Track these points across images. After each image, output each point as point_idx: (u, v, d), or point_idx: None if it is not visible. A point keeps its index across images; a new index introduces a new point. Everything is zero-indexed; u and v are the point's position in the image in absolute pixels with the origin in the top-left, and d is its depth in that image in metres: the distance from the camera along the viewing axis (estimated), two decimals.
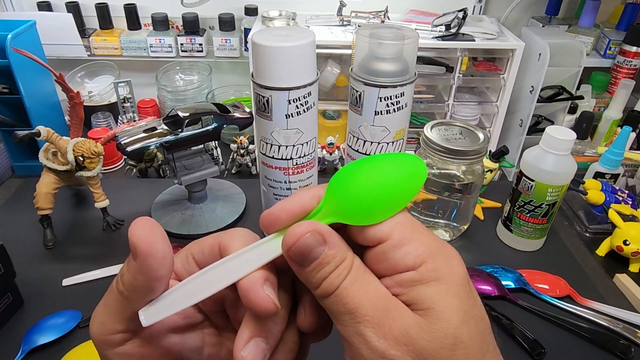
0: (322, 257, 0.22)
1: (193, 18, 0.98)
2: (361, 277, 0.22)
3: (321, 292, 0.22)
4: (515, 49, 0.80)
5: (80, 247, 0.70)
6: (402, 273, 0.22)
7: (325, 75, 0.88)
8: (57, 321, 0.57)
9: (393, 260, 0.22)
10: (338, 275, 0.22)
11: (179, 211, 0.75)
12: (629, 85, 0.91)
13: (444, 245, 0.23)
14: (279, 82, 0.55)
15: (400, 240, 0.22)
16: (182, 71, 1.05)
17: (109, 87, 1.00)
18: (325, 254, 0.22)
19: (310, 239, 0.22)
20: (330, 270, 0.22)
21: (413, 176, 0.23)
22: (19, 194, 0.82)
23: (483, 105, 0.90)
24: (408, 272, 0.22)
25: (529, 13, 1.03)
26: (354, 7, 0.88)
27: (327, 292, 0.22)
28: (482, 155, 0.64)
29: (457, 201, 0.68)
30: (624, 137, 0.76)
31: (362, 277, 0.22)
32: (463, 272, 0.22)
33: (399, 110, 0.59)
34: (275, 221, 0.24)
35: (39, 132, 0.64)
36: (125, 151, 0.64)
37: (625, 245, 0.66)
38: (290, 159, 0.61)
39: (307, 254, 0.22)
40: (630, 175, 0.82)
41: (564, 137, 0.61)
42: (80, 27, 0.99)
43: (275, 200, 0.66)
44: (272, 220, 0.24)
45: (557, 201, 0.65)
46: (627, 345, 0.55)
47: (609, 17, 1.04)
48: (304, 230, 0.22)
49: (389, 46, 0.56)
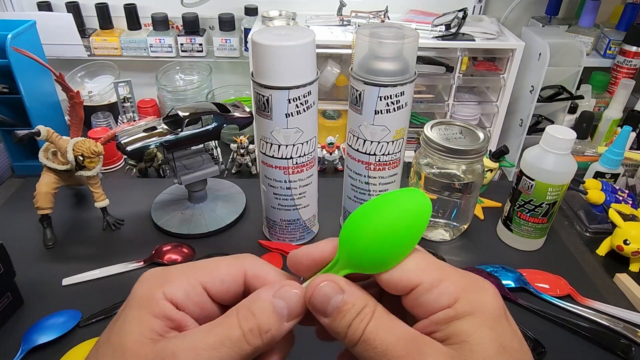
0: (341, 305, 0.23)
1: (193, 18, 0.98)
2: (385, 320, 0.23)
3: (349, 340, 0.23)
4: (515, 49, 0.80)
5: (80, 247, 0.70)
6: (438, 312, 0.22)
7: (325, 75, 0.88)
8: (56, 321, 0.56)
9: (428, 303, 0.22)
10: (361, 321, 0.22)
11: (179, 211, 0.75)
12: (629, 85, 0.91)
13: (477, 279, 0.23)
14: (279, 81, 0.55)
15: (431, 284, 0.22)
16: (182, 71, 1.05)
17: (109, 87, 1.00)
18: (345, 301, 0.23)
19: (327, 287, 0.23)
20: (352, 317, 0.22)
21: (418, 216, 0.23)
22: (19, 194, 0.81)
23: (483, 105, 0.90)
24: (443, 310, 0.22)
25: (529, 13, 1.03)
26: (354, 7, 0.88)
27: (354, 338, 0.22)
28: (482, 154, 0.64)
29: (457, 201, 0.68)
30: (624, 136, 0.76)
31: (387, 320, 0.23)
32: (498, 304, 0.22)
33: (399, 110, 0.59)
34: (299, 263, 0.25)
35: (38, 131, 0.64)
36: (125, 151, 0.64)
37: (625, 245, 0.66)
38: (290, 158, 0.61)
39: (326, 302, 0.23)
40: (630, 175, 0.82)
41: (564, 136, 0.61)
42: (80, 27, 0.99)
43: (276, 200, 0.66)
44: (295, 262, 0.25)
45: (557, 201, 0.65)
46: (628, 345, 0.55)
47: (609, 17, 1.04)
48: (321, 281, 0.23)
49: (389, 45, 0.56)
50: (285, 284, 0.24)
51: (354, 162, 0.65)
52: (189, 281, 0.24)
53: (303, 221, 0.69)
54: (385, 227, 0.23)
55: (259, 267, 0.25)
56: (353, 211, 0.24)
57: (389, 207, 0.23)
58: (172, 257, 0.67)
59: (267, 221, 0.71)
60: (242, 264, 0.25)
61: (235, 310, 0.23)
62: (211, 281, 0.24)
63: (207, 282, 0.24)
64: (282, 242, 0.71)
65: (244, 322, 0.22)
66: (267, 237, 0.73)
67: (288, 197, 0.65)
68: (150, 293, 0.23)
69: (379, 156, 0.63)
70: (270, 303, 0.23)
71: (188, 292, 0.23)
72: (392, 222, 0.23)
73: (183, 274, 0.24)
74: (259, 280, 0.25)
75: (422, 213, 0.23)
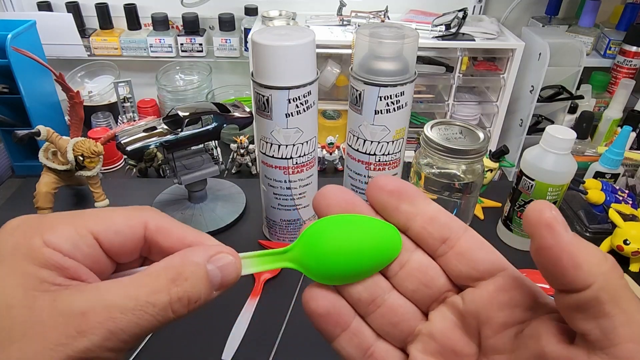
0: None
1: (193, 18, 0.98)
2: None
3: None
4: (515, 49, 0.80)
5: None
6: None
7: (325, 75, 0.88)
8: None
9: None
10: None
11: (178, 211, 0.75)
12: (629, 85, 0.91)
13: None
14: (279, 81, 0.55)
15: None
16: (182, 71, 1.05)
17: (109, 87, 1.00)
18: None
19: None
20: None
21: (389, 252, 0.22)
22: (19, 194, 0.81)
23: (483, 105, 0.90)
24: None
25: (529, 13, 1.03)
26: (354, 7, 0.88)
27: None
28: (482, 154, 0.64)
29: (457, 201, 0.68)
30: (624, 136, 0.76)
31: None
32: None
33: (399, 110, 0.59)
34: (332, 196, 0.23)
35: (38, 131, 0.64)
36: (125, 150, 0.64)
37: (625, 245, 0.66)
38: (290, 158, 0.61)
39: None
40: (630, 175, 0.82)
41: (564, 136, 0.61)
42: (80, 27, 0.99)
43: (276, 200, 0.66)
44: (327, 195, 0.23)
45: (557, 201, 0.65)
46: None
47: (609, 17, 1.04)
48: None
49: (389, 45, 0.56)
50: (223, 250, 0.21)
51: (354, 162, 0.65)
52: (77, 229, 0.19)
53: (303, 221, 0.69)
54: (353, 245, 0.22)
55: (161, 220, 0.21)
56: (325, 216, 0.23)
57: (365, 228, 0.22)
58: None
59: (267, 221, 0.71)
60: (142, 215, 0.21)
61: (163, 271, 0.19)
62: (104, 231, 0.20)
63: (99, 232, 0.20)
64: (282, 242, 0.71)
65: (174, 287, 0.19)
66: (267, 237, 0.73)
67: (288, 197, 0.65)
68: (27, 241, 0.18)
69: (379, 156, 0.63)
70: (204, 269, 0.20)
71: (76, 242, 0.19)
72: (361, 244, 0.22)
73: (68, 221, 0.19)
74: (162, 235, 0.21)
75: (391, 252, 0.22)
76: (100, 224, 0.20)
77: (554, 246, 0.17)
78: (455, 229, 0.21)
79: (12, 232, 0.19)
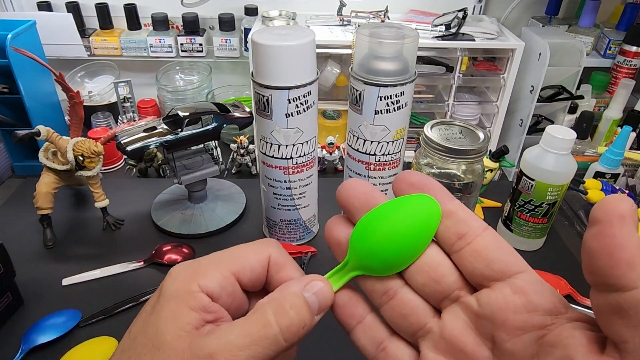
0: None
1: (193, 18, 0.98)
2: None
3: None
4: (515, 49, 0.80)
5: (80, 247, 0.70)
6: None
7: (325, 75, 0.88)
8: (56, 321, 0.56)
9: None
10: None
11: (179, 211, 0.75)
12: (629, 85, 0.91)
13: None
14: (279, 81, 0.55)
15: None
16: (182, 71, 1.05)
17: (109, 87, 1.00)
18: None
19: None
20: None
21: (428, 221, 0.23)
22: (19, 194, 0.81)
23: (483, 105, 0.90)
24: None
25: (529, 13, 1.03)
26: (354, 7, 0.88)
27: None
28: (482, 154, 0.64)
29: None
30: (624, 136, 0.76)
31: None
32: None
33: (399, 110, 0.59)
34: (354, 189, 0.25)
35: (38, 131, 0.64)
36: (125, 150, 0.64)
37: None
38: (290, 158, 0.61)
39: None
40: (630, 175, 0.82)
41: (564, 136, 0.61)
42: (80, 27, 0.99)
43: (276, 200, 0.66)
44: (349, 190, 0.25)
45: (557, 201, 0.65)
46: None
47: (609, 17, 1.04)
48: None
49: (389, 45, 0.56)
50: (314, 278, 0.24)
51: (354, 162, 0.65)
52: (222, 272, 0.23)
53: (303, 221, 0.69)
54: (396, 230, 0.23)
55: (280, 255, 0.25)
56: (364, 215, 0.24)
57: (399, 212, 0.23)
58: (172, 257, 0.67)
59: (267, 221, 0.71)
60: (268, 250, 0.25)
61: (268, 306, 0.22)
62: (242, 270, 0.24)
63: (238, 272, 0.24)
64: (282, 242, 0.71)
65: (280, 319, 0.22)
66: (267, 237, 0.73)
67: (288, 197, 0.65)
68: (187, 286, 0.22)
69: (379, 156, 0.63)
70: (302, 297, 0.23)
71: (222, 283, 0.23)
72: (402, 226, 0.23)
73: (215, 265, 0.23)
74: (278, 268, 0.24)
75: (432, 218, 0.23)
76: (238, 264, 0.24)
77: (617, 237, 0.16)
78: (474, 226, 0.22)
79: (175, 276, 0.23)
